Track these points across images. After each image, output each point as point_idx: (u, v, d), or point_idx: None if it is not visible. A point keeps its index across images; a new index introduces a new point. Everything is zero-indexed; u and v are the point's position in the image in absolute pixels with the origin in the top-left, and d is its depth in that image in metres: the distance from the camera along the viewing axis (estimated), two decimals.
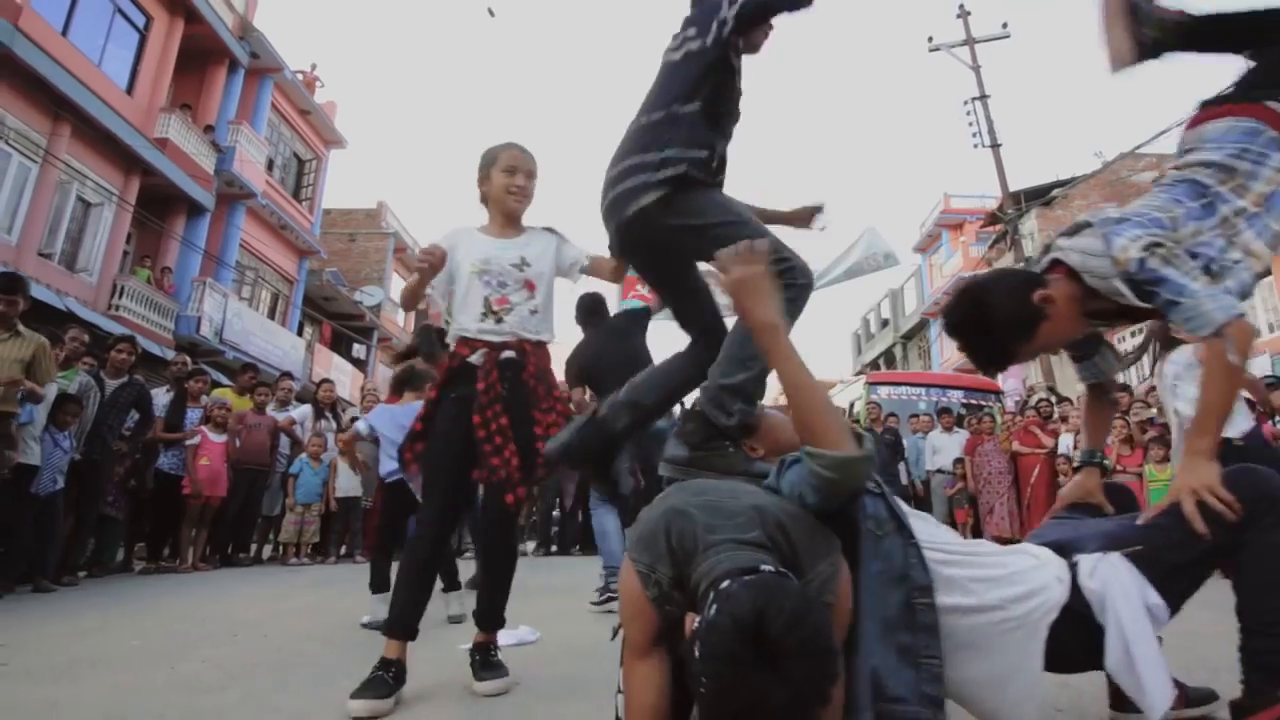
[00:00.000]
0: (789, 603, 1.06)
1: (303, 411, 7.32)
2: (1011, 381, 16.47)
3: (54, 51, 10.74)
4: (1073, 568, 1.46)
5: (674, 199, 1.81)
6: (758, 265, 1.46)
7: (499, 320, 2.19)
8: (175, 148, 13.17)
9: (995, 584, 1.46)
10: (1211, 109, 1.82)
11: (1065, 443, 7.27)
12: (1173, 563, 1.42)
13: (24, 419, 4.70)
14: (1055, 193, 21.13)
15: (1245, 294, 1.76)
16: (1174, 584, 1.42)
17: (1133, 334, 13.40)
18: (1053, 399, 8.56)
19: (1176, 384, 4.06)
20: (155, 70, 13.34)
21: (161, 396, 6.35)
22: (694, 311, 1.95)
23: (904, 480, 9.14)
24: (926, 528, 1.55)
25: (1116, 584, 1.40)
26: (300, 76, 17.88)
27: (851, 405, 12.54)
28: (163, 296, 13.18)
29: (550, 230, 2.38)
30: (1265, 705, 1.34)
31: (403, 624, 2.02)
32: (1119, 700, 1.71)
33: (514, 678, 2.10)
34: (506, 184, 2.26)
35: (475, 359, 2.16)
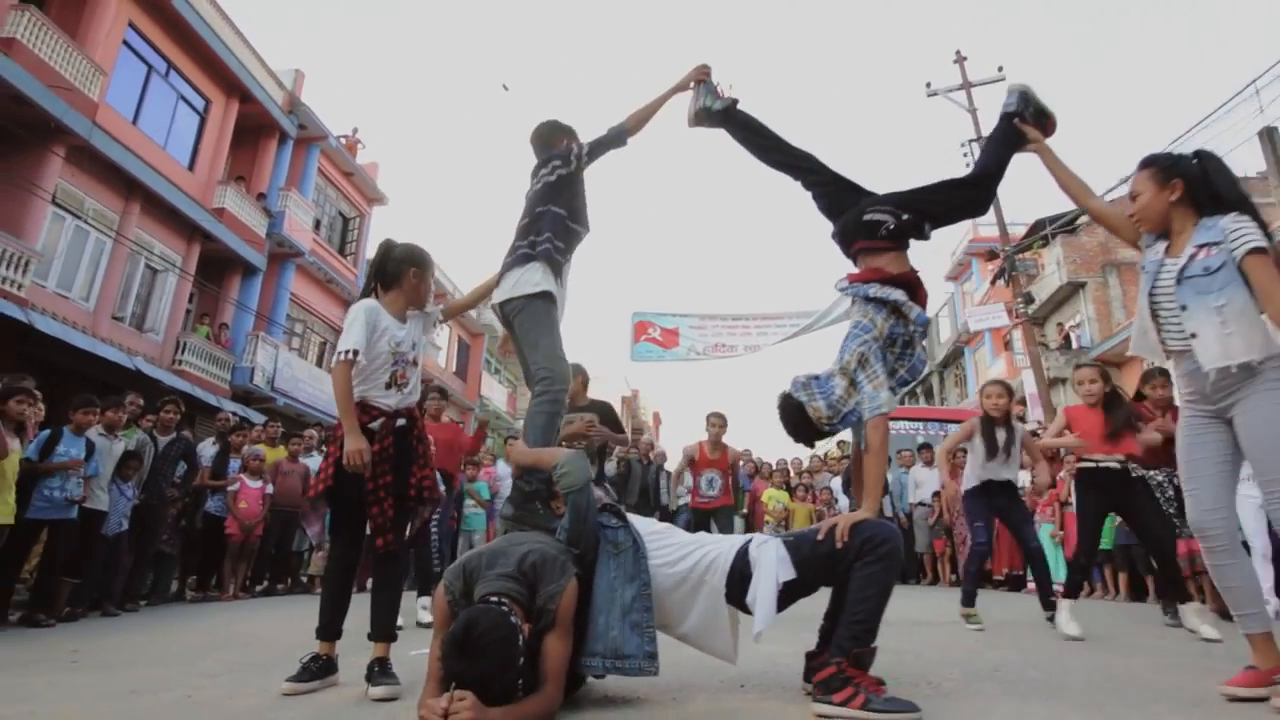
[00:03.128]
0: (485, 623, 1.89)
1: None
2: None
3: (126, 140, 12.23)
4: (748, 542, 2.25)
5: (527, 305, 2.73)
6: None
7: (399, 391, 2.79)
8: (232, 216, 14.62)
9: (695, 567, 2.25)
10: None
11: (1023, 477, 7.75)
12: (809, 554, 2.21)
13: (91, 471, 5.69)
14: (1080, 220, 21.39)
15: (916, 372, 2.55)
16: (810, 566, 2.21)
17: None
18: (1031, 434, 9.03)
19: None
20: (214, 148, 14.88)
21: (209, 448, 7.39)
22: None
23: (888, 513, 9.67)
24: (659, 540, 2.35)
25: (766, 554, 2.18)
26: (343, 141, 19.42)
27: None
28: (221, 350, 14.53)
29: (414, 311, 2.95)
30: (823, 666, 2.08)
31: (325, 629, 2.75)
32: (809, 673, 2.43)
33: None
34: (427, 287, 2.97)
35: (374, 425, 2.71)
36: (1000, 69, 15.10)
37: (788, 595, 2.16)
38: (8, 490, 4.58)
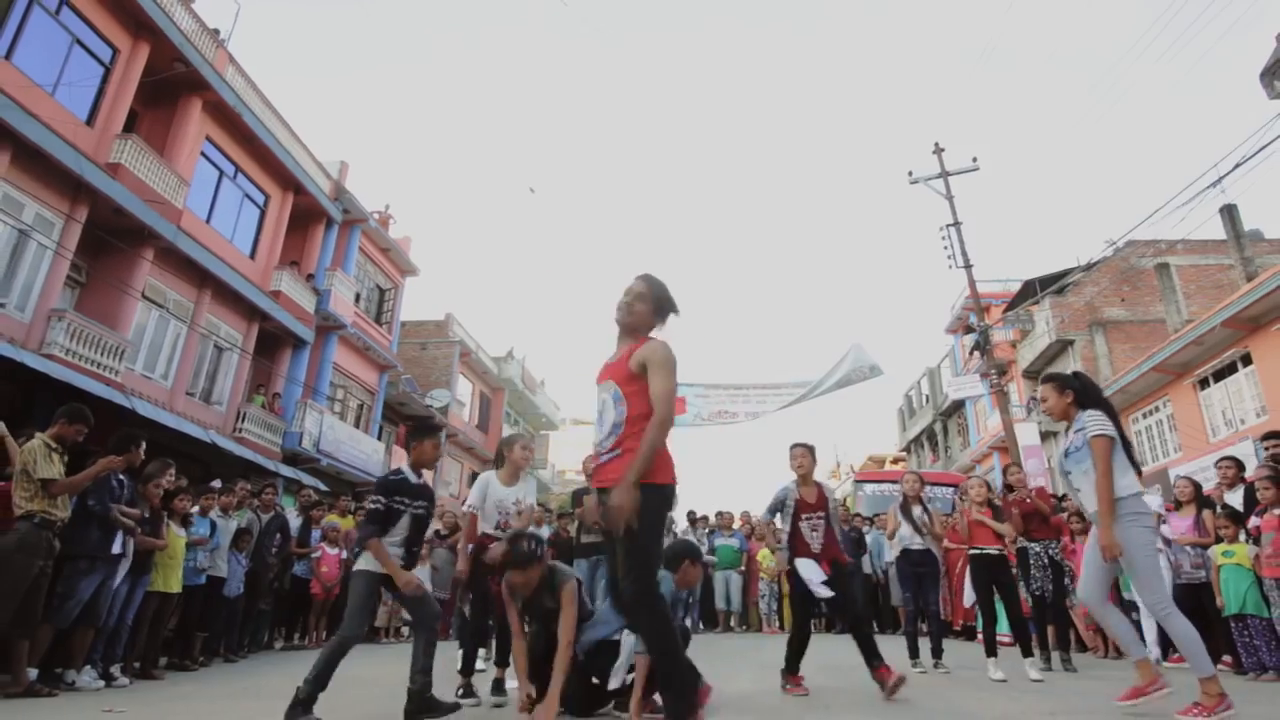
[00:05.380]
0: (524, 542, 3.50)
1: None
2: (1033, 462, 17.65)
3: (202, 238, 14.04)
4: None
5: None
6: None
7: (504, 531, 4.43)
8: (286, 297, 16.39)
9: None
10: None
11: None
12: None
13: (214, 545, 7.22)
14: (1070, 279, 22.87)
15: None
16: None
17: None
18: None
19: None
20: (272, 236, 16.73)
21: (293, 519, 8.94)
22: None
23: (868, 570, 11.05)
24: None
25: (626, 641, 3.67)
26: (376, 215, 21.30)
27: (845, 500, 14.47)
28: (274, 418, 16.17)
29: (529, 477, 4.70)
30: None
31: (466, 668, 4.31)
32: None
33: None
34: (526, 457, 4.64)
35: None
36: (975, 159, 16.74)
37: None
38: (178, 567, 6.11)
